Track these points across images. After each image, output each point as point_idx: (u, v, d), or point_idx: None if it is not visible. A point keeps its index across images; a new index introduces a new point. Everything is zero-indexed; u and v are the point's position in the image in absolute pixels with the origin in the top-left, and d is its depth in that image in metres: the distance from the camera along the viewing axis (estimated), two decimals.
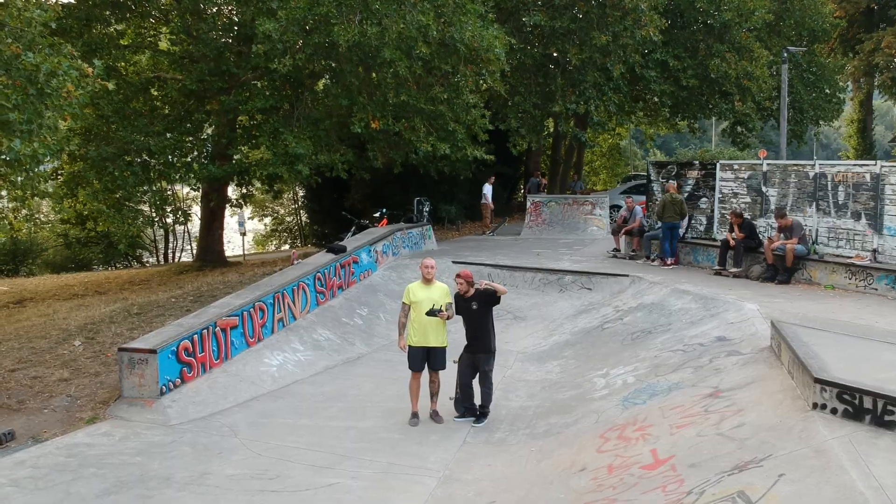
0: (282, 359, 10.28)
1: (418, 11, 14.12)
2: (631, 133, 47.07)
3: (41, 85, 10.47)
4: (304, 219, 37.78)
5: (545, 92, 20.74)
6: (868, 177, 11.32)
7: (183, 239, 35.88)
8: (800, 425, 5.59)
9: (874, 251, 11.12)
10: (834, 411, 5.58)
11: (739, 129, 27.11)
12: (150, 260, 34.03)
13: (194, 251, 35.51)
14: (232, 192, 20.82)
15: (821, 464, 4.93)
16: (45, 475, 6.96)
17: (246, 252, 28.99)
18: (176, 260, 34.20)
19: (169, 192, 20.92)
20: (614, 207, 21.60)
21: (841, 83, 37.29)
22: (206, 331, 9.40)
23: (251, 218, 38.28)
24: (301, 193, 34.02)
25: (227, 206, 20.32)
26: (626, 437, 6.70)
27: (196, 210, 28.14)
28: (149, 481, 6.84)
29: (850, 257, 11.40)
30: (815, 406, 5.72)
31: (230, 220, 24.97)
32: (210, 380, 9.26)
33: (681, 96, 23.31)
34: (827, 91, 32.71)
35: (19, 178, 11.36)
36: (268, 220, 41.77)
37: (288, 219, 41.04)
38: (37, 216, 24.78)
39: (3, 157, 10.37)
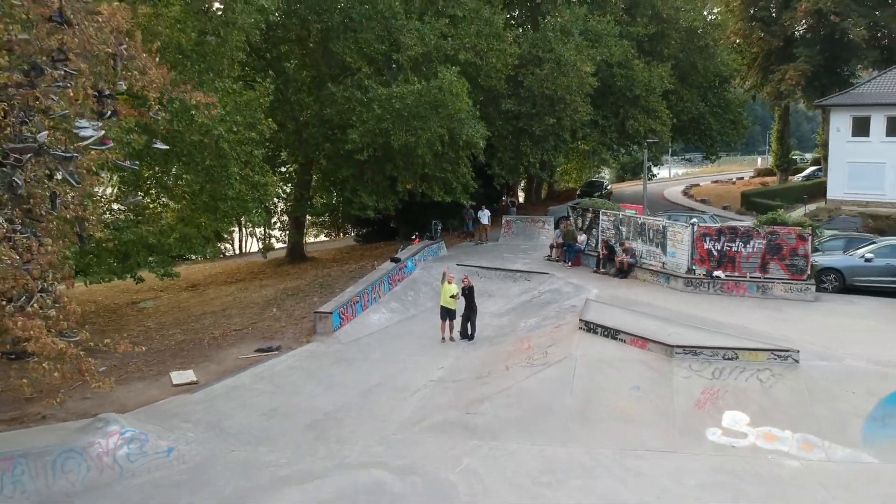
0: (378, 316, 21.93)
1: (437, 126, 25.51)
2: None
3: (260, 189, 21.95)
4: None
5: (519, 150, 32.17)
6: (661, 226, 22.90)
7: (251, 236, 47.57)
8: (571, 334, 17.21)
9: (663, 263, 22.74)
10: (583, 329, 17.16)
11: (649, 164, 38.75)
12: (229, 250, 45.57)
13: (259, 245, 47.18)
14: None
15: (569, 344, 16.56)
16: (306, 359, 18.56)
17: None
18: (246, 250, 45.81)
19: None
20: (563, 218, 32.99)
21: (755, 105, 48.70)
22: (348, 303, 21.01)
23: None
24: None
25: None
26: (522, 341, 18.36)
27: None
28: (349, 360, 18.49)
29: (653, 265, 23.01)
30: (579, 328, 17.31)
31: None
32: (351, 325, 20.86)
33: (605, 143, 34.84)
34: (732, 120, 44.07)
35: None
36: None
37: None
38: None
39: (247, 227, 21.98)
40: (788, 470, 12.58)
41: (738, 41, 54.17)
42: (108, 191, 21.68)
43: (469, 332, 19.97)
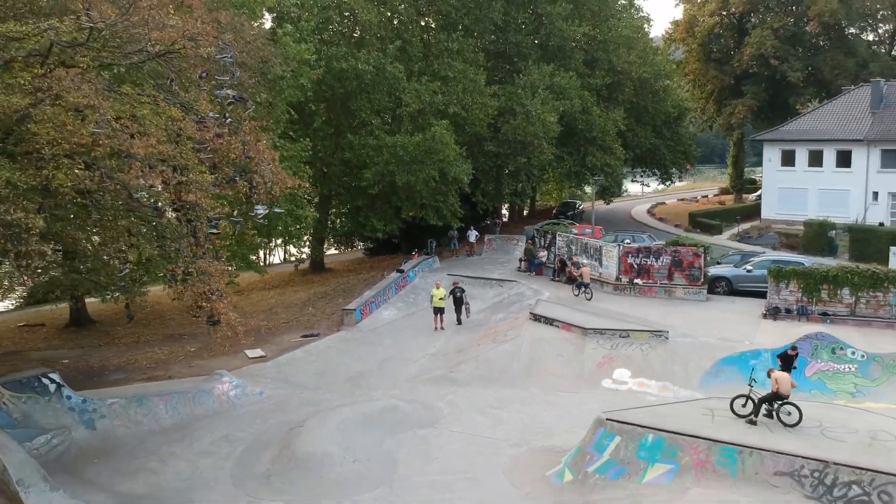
0: (388, 313, 29.62)
1: (431, 168, 33.32)
2: None
3: (303, 221, 29.65)
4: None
5: (499, 181, 40.00)
6: (598, 245, 30.68)
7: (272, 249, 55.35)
8: (524, 322, 24.90)
9: (599, 273, 30.51)
10: (532, 320, 24.84)
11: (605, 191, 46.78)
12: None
13: (281, 257, 54.93)
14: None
15: (521, 329, 24.26)
16: (339, 342, 26.23)
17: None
18: (268, 262, 53.52)
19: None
20: (533, 237, 40.68)
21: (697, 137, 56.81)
22: (366, 302, 28.71)
23: None
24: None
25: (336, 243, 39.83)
26: (492, 328, 26.07)
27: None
28: (369, 343, 26.19)
29: (593, 275, 30.75)
30: (529, 319, 24.98)
31: None
32: (369, 319, 28.52)
33: (568, 175, 42.74)
34: (683, 151, 52.00)
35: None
36: None
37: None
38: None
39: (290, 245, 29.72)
40: (648, 403, 20.26)
41: (696, 78, 62.26)
42: None
43: (464, 318, 27.56)
